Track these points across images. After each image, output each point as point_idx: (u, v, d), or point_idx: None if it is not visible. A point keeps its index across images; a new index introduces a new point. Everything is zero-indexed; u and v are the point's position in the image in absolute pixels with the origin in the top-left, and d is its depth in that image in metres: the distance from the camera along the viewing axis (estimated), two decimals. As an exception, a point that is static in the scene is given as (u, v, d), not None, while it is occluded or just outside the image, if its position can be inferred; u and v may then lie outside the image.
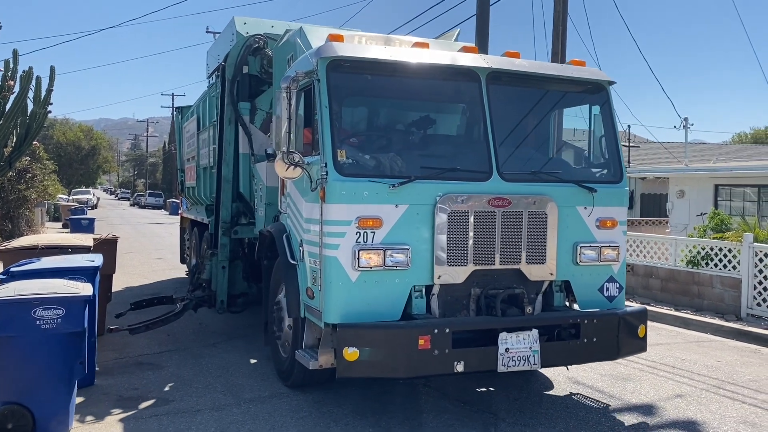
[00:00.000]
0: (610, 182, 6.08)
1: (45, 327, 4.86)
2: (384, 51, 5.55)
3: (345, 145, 5.36)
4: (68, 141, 61.01)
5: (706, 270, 11.07)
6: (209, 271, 8.70)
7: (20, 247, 7.65)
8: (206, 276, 8.76)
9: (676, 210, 20.23)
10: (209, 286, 8.69)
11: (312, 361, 5.38)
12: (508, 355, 5.20)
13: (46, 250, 7.50)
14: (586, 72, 6.20)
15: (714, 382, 7.02)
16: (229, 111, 8.39)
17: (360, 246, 5.11)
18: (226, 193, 8.56)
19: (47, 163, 25.87)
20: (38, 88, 14.45)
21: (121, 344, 8.09)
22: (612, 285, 6.00)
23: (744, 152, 34.50)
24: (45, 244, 7.69)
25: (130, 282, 12.73)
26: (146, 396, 6.14)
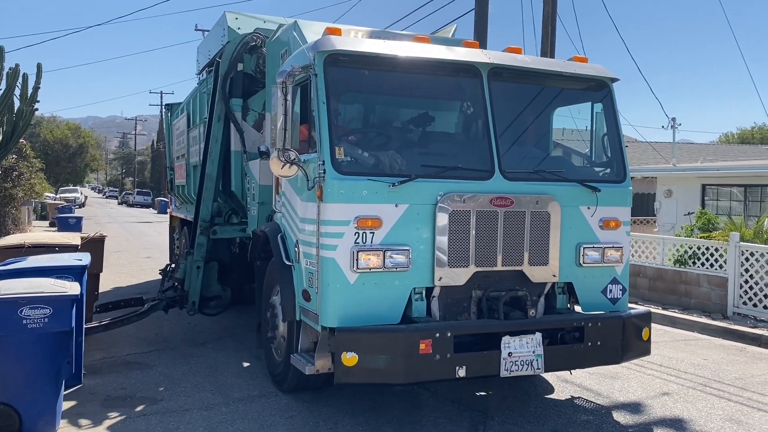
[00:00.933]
0: (614, 181, 5.95)
1: (32, 326, 4.78)
2: (383, 45, 5.39)
3: (343, 142, 5.21)
4: (55, 139, 60.32)
5: (694, 269, 11.11)
6: (183, 270, 8.47)
7: (6, 246, 7.47)
8: (180, 275, 8.53)
9: (664, 209, 20.29)
10: (182, 286, 8.47)
11: (308, 365, 5.21)
12: (511, 360, 5.05)
13: (32, 248, 7.32)
14: (589, 69, 6.07)
15: (700, 380, 7.04)
16: (220, 107, 8.19)
17: (359, 247, 4.95)
18: (208, 191, 8.34)
19: (34, 161, 25.44)
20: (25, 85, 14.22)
21: (109, 343, 7.99)
22: (615, 287, 5.87)
23: (731, 152, 34.64)
24: (32, 242, 7.50)
25: (118, 281, 12.56)
26: (135, 395, 6.07)
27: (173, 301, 8.44)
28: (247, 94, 8.23)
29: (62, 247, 7.49)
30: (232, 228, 8.82)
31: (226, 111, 8.15)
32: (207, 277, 8.43)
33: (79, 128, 67.60)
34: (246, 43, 8.01)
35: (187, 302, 8.30)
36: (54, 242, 7.66)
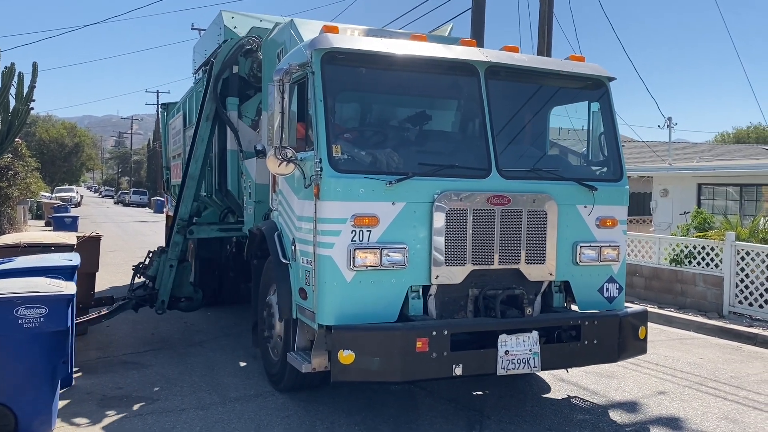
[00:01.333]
0: (611, 180, 5.96)
1: (27, 326, 4.76)
2: (381, 43, 5.38)
3: (340, 140, 5.20)
4: (51, 138, 60.13)
5: (689, 268, 11.16)
6: (156, 268, 8.38)
7: (2, 246, 7.43)
8: (152, 273, 8.42)
9: (660, 209, 20.33)
10: (153, 284, 8.37)
11: (305, 364, 5.21)
12: (508, 358, 5.05)
13: (28, 248, 7.30)
14: (586, 68, 6.07)
15: (696, 379, 7.06)
16: (209, 107, 8.13)
17: (355, 245, 4.94)
18: (189, 190, 8.28)
19: (30, 160, 25.40)
20: (20, 84, 14.19)
21: (105, 343, 7.99)
22: (612, 285, 5.87)
23: (727, 152, 34.70)
24: (27, 242, 7.48)
25: (114, 281, 12.53)
26: (131, 395, 6.05)
27: (143, 299, 8.31)
28: (241, 98, 8.19)
29: (58, 247, 7.46)
30: (210, 228, 8.77)
31: (216, 111, 8.10)
32: (180, 276, 8.31)
33: (74, 127, 67.38)
34: (241, 46, 7.93)
35: (156, 300, 8.20)
36: (50, 242, 7.63)
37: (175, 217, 8.37)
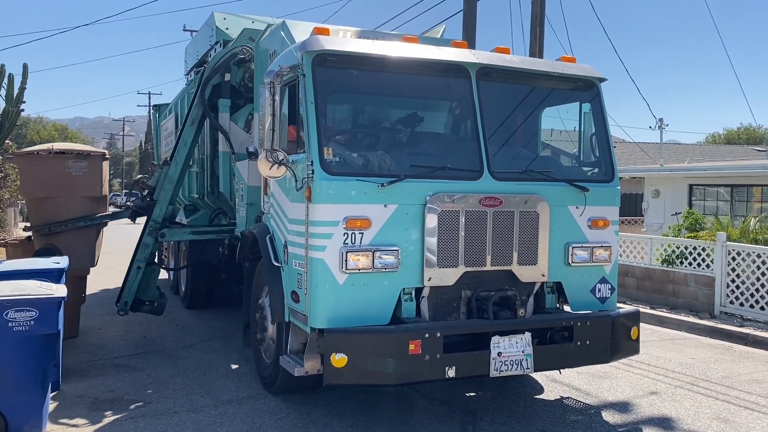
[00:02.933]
0: (602, 181, 5.97)
1: (18, 329, 4.73)
2: (372, 45, 5.37)
3: (332, 142, 5.18)
4: (42, 140, 59.73)
5: (681, 268, 11.21)
6: (156, 179, 8.29)
7: (34, 151, 8.04)
8: (152, 183, 8.34)
9: (652, 209, 20.41)
10: (152, 196, 8.31)
11: (297, 367, 5.18)
12: (501, 360, 5.05)
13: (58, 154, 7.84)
14: (577, 69, 6.08)
15: (688, 379, 7.09)
16: (195, 111, 8.09)
17: (348, 247, 4.92)
18: (165, 193, 8.20)
19: (20, 162, 25.20)
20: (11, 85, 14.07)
21: (96, 345, 7.96)
22: (604, 286, 5.88)
23: (718, 152, 34.89)
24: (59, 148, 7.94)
25: (106, 283, 12.48)
26: (122, 398, 6.02)
27: (141, 209, 8.43)
28: (231, 108, 8.13)
29: (86, 155, 7.91)
30: (182, 231, 8.72)
31: (203, 115, 8.05)
32: (147, 279, 8.22)
33: (66, 129, 67.16)
34: (234, 54, 7.84)
35: (119, 300, 8.13)
36: (81, 149, 8.08)
37: (149, 218, 8.27)
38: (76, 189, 7.93)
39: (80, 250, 7.95)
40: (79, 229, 8.01)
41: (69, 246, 7.67)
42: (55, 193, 7.84)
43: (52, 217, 7.87)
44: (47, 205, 7.90)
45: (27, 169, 8.05)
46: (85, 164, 7.93)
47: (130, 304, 8.12)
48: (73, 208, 7.95)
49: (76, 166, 7.88)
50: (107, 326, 9.01)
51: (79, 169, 7.90)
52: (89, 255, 8.25)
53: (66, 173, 7.84)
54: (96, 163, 8.09)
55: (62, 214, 7.89)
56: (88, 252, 8.22)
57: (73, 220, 7.92)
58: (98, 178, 8.16)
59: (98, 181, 8.16)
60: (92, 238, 8.29)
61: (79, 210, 7.98)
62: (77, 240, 7.96)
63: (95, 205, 8.20)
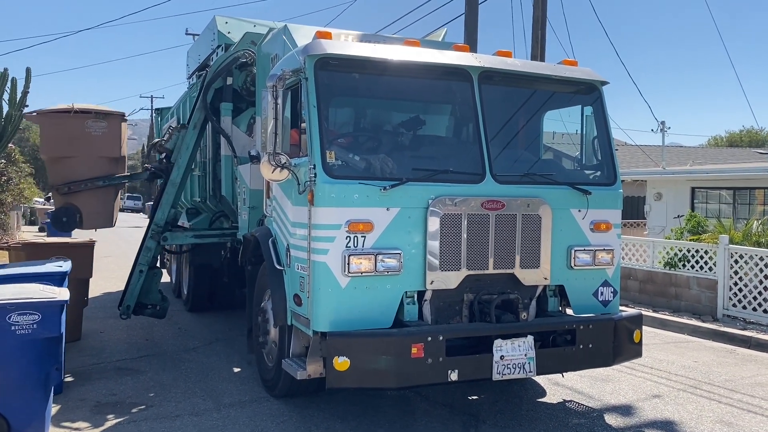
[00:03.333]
0: (604, 184, 5.97)
1: (20, 332, 4.73)
2: (374, 49, 5.38)
3: (334, 146, 5.19)
4: (44, 143, 59.92)
5: (683, 271, 11.18)
6: (174, 143, 8.32)
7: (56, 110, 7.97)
8: (170, 146, 8.39)
9: (654, 212, 20.38)
10: (169, 159, 8.33)
11: (300, 370, 5.19)
12: (503, 363, 5.05)
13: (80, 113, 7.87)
14: (579, 72, 6.09)
15: (691, 383, 7.07)
16: (197, 116, 8.11)
17: (350, 251, 4.93)
18: (167, 196, 8.23)
19: (23, 165, 25.25)
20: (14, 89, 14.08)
21: (99, 349, 7.96)
22: (606, 289, 5.88)
23: (720, 155, 34.84)
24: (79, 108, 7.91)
25: (108, 287, 12.49)
26: (125, 402, 6.02)
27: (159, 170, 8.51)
28: (233, 112, 8.15)
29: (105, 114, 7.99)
30: (184, 235, 8.73)
31: (205, 119, 8.07)
32: (149, 283, 8.24)
33: (68, 132, 66.99)
34: (236, 58, 7.85)
35: (121, 304, 8.14)
36: (101, 109, 8.13)
37: (151, 222, 8.31)
38: (95, 149, 7.99)
39: (99, 210, 8.07)
40: (98, 189, 8.04)
41: (88, 205, 7.76)
42: (74, 152, 7.90)
43: (71, 177, 7.92)
44: (66, 165, 7.95)
45: (48, 128, 8.08)
46: (104, 124, 7.99)
47: (133, 307, 8.13)
48: (92, 167, 7.99)
49: (96, 126, 7.94)
50: (109, 329, 9.02)
51: (99, 129, 7.96)
52: (108, 215, 8.30)
53: (86, 133, 7.90)
54: (115, 123, 8.14)
55: (81, 173, 7.94)
56: (107, 212, 8.27)
57: (92, 179, 7.95)
58: (117, 139, 8.20)
59: (117, 142, 8.20)
60: (111, 198, 8.34)
61: (98, 170, 8.03)
62: (96, 200, 8.04)
63: (114, 165, 8.24)
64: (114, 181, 8.21)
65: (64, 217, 7.99)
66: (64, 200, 7.95)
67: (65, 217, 7.99)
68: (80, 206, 7.72)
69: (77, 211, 7.67)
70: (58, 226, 8.08)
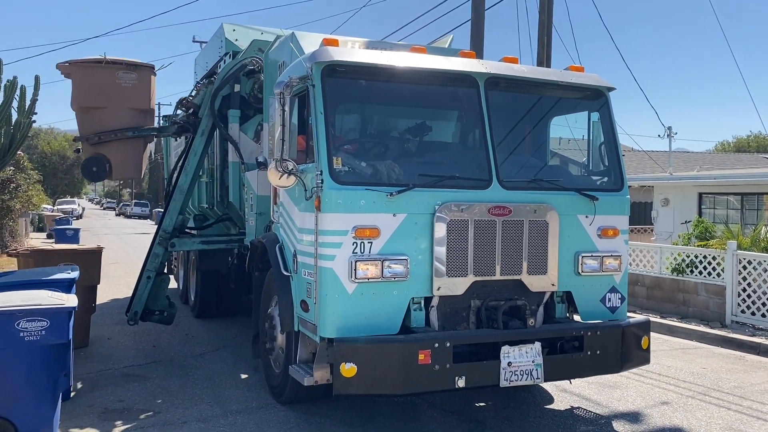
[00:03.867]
0: (611, 190, 5.96)
1: (29, 339, 4.74)
2: (381, 56, 5.40)
3: (341, 152, 5.21)
4: (53, 151, 60.28)
5: (691, 277, 11.12)
6: (201, 97, 8.33)
7: (89, 60, 8.09)
8: (197, 101, 8.39)
9: (661, 218, 20.32)
10: (197, 113, 8.35)
11: (307, 377, 5.18)
12: (511, 369, 5.03)
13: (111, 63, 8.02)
14: (586, 78, 6.09)
15: (700, 389, 7.03)
16: (205, 122, 8.15)
17: (357, 257, 4.93)
18: (175, 203, 8.26)
19: (32, 173, 25.44)
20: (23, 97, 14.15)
21: (107, 355, 7.98)
22: (614, 295, 5.86)
23: (727, 160, 34.74)
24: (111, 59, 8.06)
25: (116, 293, 12.52)
26: (132, 408, 6.03)
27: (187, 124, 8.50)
28: (241, 119, 8.18)
29: (135, 66, 8.13)
30: (192, 241, 8.75)
31: (212, 126, 8.11)
32: (157, 289, 8.26)
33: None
34: (244, 65, 7.91)
35: (129, 310, 8.16)
36: (130, 61, 8.24)
37: (159, 228, 8.34)
38: (124, 100, 8.05)
39: (128, 161, 8.15)
40: (127, 140, 8.08)
41: (117, 155, 7.85)
42: (104, 102, 7.97)
43: (100, 128, 7.98)
44: (96, 115, 8.01)
45: (79, 78, 8.14)
46: (134, 76, 8.07)
47: (140, 313, 8.15)
48: (122, 118, 8.05)
49: (126, 77, 8.02)
50: (117, 336, 9.05)
51: (129, 81, 8.04)
52: (137, 166, 8.36)
53: (116, 84, 7.98)
54: (145, 75, 8.21)
55: (111, 124, 7.99)
56: (136, 163, 8.34)
57: (121, 129, 8.00)
58: (146, 91, 8.26)
59: (146, 94, 8.27)
60: (140, 149, 8.39)
61: (127, 121, 8.08)
62: (125, 150, 8.11)
63: (142, 117, 8.29)
64: (143, 133, 8.22)
65: (94, 167, 8.05)
66: (93, 150, 8.02)
67: (95, 167, 8.05)
68: (110, 156, 7.81)
69: (107, 160, 7.76)
70: (88, 175, 8.13)
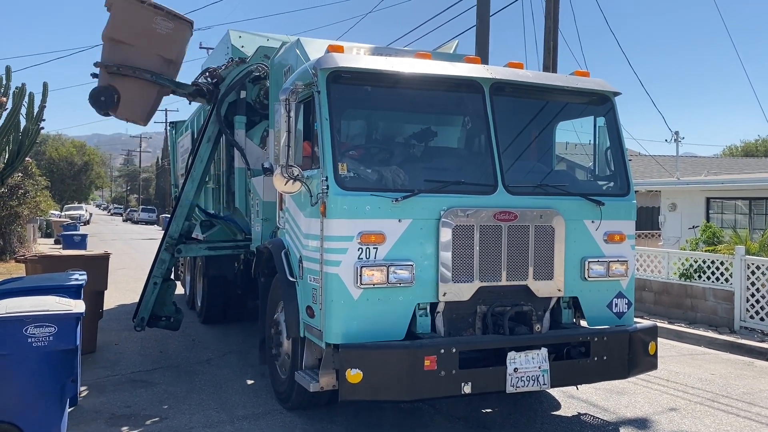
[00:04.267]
0: (618, 195, 5.94)
1: (37, 344, 4.77)
2: (386, 62, 5.42)
3: (346, 158, 5.22)
4: (61, 157, 60.70)
5: (699, 283, 11.05)
6: (228, 71, 8.36)
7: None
8: (224, 74, 8.42)
9: (668, 223, 20.21)
10: (218, 84, 8.36)
11: (312, 383, 5.18)
12: (517, 375, 5.02)
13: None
14: (591, 83, 6.08)
15: (708, 396, 6.98)
16: (212, 129, 8.19)
17: (362, 262, 4.93)
18: (182, 209, 8.29)
19: (39, 179, 25.61)
20: (31, 104, 14.28)
21: (114, 361, 7.99)
22: (621, 301, 5.84)
23: (735, 165, 34.58)
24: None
25: (123, 299, 12.56)
26: (139, 414, 6.03)
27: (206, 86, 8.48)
28: (247, 125, 8.22)
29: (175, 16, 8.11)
30: (198, 247, 8.77)
31: (219, 132, 8.14)
32: (163, 295, 8.28)
33: (84, 146, 67.93)
34: (249, 72, 7.96)
35: (136, 316, 8.19)
36: (173, 11, 8.17)
37: (165, 234, 8.36)
38: (154, 44, 8.05)
39: (137, 101, 8.12)
40: (143, 81, 8.08)
41: (129, 92, 7.89)
42: (134, 41, 7.98)
43: (123, 61, 7.98)
44: (123, 50, 8.02)
45: (119, 10, 8.09)
46: (171, 25, 8.07)
47: (147, 319, 8.17)
48: (146, 61, 8.04)
49: (164, 24, 8.02)
50: (124, 342, 9.07)
51: (165, 29, 8.04)
52: (144, 110, 8.33)
53: (151, 27, 7.98)
54: (182, 28, 8.22)
55: (134, 62, 7.99)
56: (144, 107, 8.30)
57: (141, 69, 8.01)
58: (178, 43, 8.27)
59: (177, 46, 8.27)
60: (152, 95, 8.34)
61: (151, 65, 8.08)
62: (138, 90, 8.08)
63: (166, 66, 8.29)
64: (160, 80, 8.21)
65: (103, 96, 8.03)
66: (108, 81, 8.03)
67: (104, 96, 8.03)
68: (122, 91, 7.82)
69: (117, 94, 7.78)
70: (95, 103, 8.07)
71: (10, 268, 18.05)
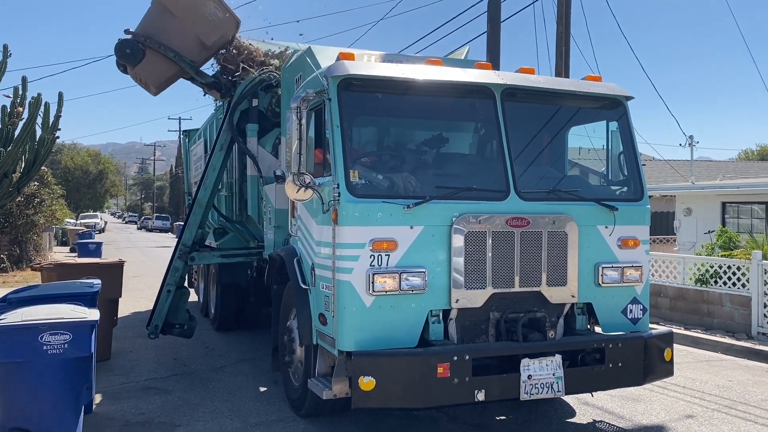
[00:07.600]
0: (631, 200, 5.90)
1: (52, 352, 4.81)
2: (396, 69, 5.42)
3: (357, 165, 5.22)
4: (76, 166, 61.29)
5: (715, 288, 10.92)
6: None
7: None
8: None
9: (684, 228, 20.02)
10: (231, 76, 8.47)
11: (325, 390, 5.17)
12: (531, 382, 4.97)
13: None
14: (603, 87, 6.05)
15: (725, 402, 6.89)
16: (224, 137, 8.24)
17: (374, 269, 4.93)
18: (195, 217, 8.32)
19: (55, 187, 25.90)
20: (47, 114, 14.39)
21: (128, 368, 8.04)
22: (636, 307, 5.78)
23: (751, 169, 34.24)
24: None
25: (137, 306, 12.63)
26: (153, 421, 6.06)
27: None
28: (259, 133, 8.25)
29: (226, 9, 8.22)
30: (211, 254, 8.78)
31: (231, 140, 8.18)
32: (177, 302, 8.32)
33: (98, 155, 68.57)
34: (262, 80, 8.02)
35: (150, 323, 8.22)
36: (225, 3, 8.34)
37: (179, 242, 8.40)
38: (198, 25, 8.14)
39: (153, 71, 8.24)
40: (163, 57, 8.16)
41: (153, 58, 8.04)
42: (181, 14, 8.07)
43: (162, 29, 8.07)
44: (166, 18, 8.11)
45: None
46: (220, 15, 8.19)
47: (161, 327, 8.21)
48: (181, 40, 8.13)
49: (214, 11, 8.14)
50: (138, 349, 9.12)
51: (213, 15, 8.15)
52: (156, 80, 8.40)
53: (201, 9, 8.10)
54: (228, 21, 8.33)
55: (171, 33, 8.08)
56: (157, 77, 8.38)
57: (166, 46, 8.09)
58: (220, 34, 8.34)
59: (218, 35, 8.35)
60: (168, 71, 8.40)
61: (186, 42, 8.16)
62: (157, 63, 8.19)
63: (198, 50, 8.37)
64: (182, 61, 8.27)
65: (129, 49, 8.15)
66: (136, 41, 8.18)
67: (129, 49, 8.14)
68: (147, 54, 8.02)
69: (143, 53, 7.94)
70: (119, 53, 8.16)
71: (26, 276, 18.23)
